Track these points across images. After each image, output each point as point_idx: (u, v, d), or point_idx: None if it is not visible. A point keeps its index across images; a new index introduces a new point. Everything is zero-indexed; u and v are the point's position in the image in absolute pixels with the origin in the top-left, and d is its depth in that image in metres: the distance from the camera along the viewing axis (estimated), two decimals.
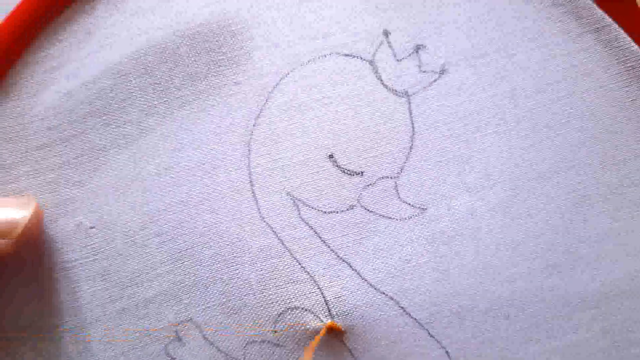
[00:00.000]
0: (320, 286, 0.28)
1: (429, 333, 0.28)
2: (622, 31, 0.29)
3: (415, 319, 0.28)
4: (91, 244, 0.29)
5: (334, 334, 0.28)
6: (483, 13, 0.29)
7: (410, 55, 0.29)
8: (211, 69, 0.29)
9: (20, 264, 0.28)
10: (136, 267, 0.28)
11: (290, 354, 0.28)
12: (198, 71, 0.29)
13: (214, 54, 0.29)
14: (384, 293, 0.28)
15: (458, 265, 0.28)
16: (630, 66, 0.29)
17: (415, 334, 0.28)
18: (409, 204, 0.29)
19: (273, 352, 0.28)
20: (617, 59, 0.29)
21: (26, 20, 0.28)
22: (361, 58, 0.29)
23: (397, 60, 0.29)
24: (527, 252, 0.29)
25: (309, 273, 0.28)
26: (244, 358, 0.28)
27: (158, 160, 0.29)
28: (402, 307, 0.28)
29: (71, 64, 0.29)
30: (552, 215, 0.29)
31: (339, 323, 0.28)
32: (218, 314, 0.28)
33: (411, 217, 0.29)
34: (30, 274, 0.28)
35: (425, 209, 0.29)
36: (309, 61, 0.29)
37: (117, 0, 0.29)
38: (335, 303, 0.28)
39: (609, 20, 0.29)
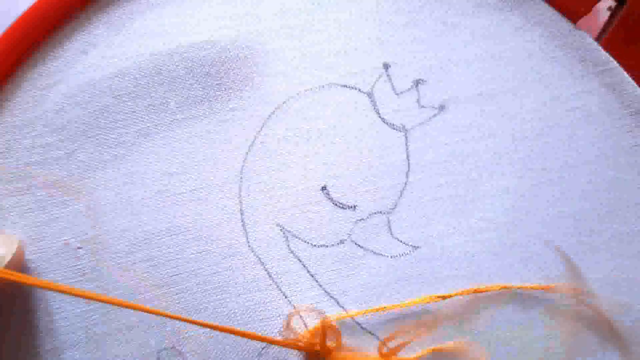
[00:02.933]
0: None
1: None
2: (626, 75, 0.29)
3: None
4: (77, 265, 0.28)
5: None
6: (487, 52, 0.29)
7: (409, 89, 0.28)
8: (208, 93, 0.28)
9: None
10: (121, 292, 0.28)
11: None
12: (194, 95, 0.28)
13: (211, 79, 0.28)
14: (370, 332, 0.28)
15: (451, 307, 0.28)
16: (633, 111, 0.28)
17: None
18: (401, 242, 0.28)
19: None
20: (621, 102, 0.29)
21: (22, 36, 0.28)
22: (359, 90, 0.28)
23: (396, 93, 0.28)
24: None
25: (295, 307, 0.28)
26: None
27: (149, 183, 0.28)
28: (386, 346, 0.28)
29: (65, 82, 0.28)
30: (552, 263, 0.28)
31: None
32: (201, 343, 0.28)
33: (402, 255, 0.28)
34: (10, 299, 0.28)
35: (418, 247, 0.28)
36: (306, 91, 0.28)
37: (116, 21, 0.28)
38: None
39: (614, 63, 0.29)
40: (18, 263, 0.27)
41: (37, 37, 0.28)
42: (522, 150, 0.28)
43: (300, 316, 0.28)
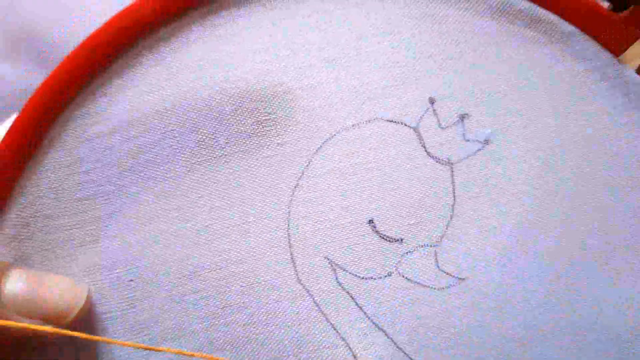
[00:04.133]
0: (355, 353, 0.28)
1: None
2: None
3: None
4: (129, 297, 0.29)
5: None
6: (527, 84, 0.29)
7: (455, 123, 0.29)
8: (255, 129, 0.29)
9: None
10: (172, 323, 0.29)
11: None
12: (242, 130, 0.29)
13: (258, 114, 0.29)
14: None
15: (498, 335, 0.28)
16: None
17: None
18: (448, 274, 0.29)
19: None
20: None
21: (71, 73, 0.28)
22: (405, 124, 0.29)
23: (442, 128, 0.29)
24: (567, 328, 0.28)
25: (344, 339, 0.28)
26: None
27: (198, 217, 0.29)
28: None
29: (115, 118, 0.29)
30: (590, 291, 0.29)
31: None
32: None
33: (449, 287, 0.29)
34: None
35: (464, 279, 0.29)
36: (352, 125, 0.29)
37: (165, 56, 0.29)
38: None
39: None
40: (86, 312, 0.28)
41: (86, 73, 0.29)
42: (556, 179, 0.29)
43: None
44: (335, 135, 0.29)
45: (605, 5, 0.29)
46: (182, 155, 0.29)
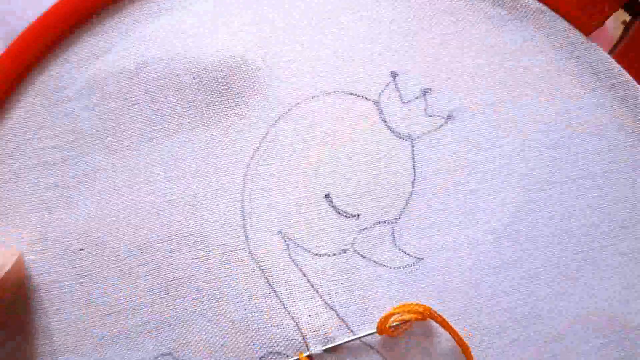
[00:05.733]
0: (304, 334, 0.27)
1: None
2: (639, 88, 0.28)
3: None
4: (79, 266, 0.28)
5: None
6: (496, 62, 0.28)
7: (417, 98, 0.28)
8: (214, 99, 0.28)
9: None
10: (120, 294, 0.28)
11: None
12: (201, 100, 0.28)
13: (218, 84, 0.28)
14: (370, 346, 0.27)
15: (452, 322, 0.27)
16: None
17: None
18: (406, 253, 0.27)
19: None
20: (633, 117, 0.28)
21: (35, 40, 0.29)
22: (366, 98, 0.28)
23: (403, 102, 0.28)
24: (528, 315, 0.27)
25: (293, 319, 0.27)
26: None
27: (153, 187, 0.28)
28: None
29: (76, 86, 0.28)
30: (556, 278, 0.27)
31: None
32: (198, 350, 0.27)
33: (406, 267, 0.27)
34: (10, 301, 0.28)
35: (422, 258, 0.27)
36: (312, 97, 0.28)
37: (127, 26, 0.29)
38: (318, 353, 0.27)
39: (626, 76, 0.28)
40: (18, 274, 0.27)
41: (50, 40, 0.29)
42: (529, 162, 0.28)
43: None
44: (294, 107, 0.28)
45: None
46: (141, 123, 0.28)
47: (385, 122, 0.28)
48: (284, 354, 0.27)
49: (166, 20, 0.29)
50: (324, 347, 0.27)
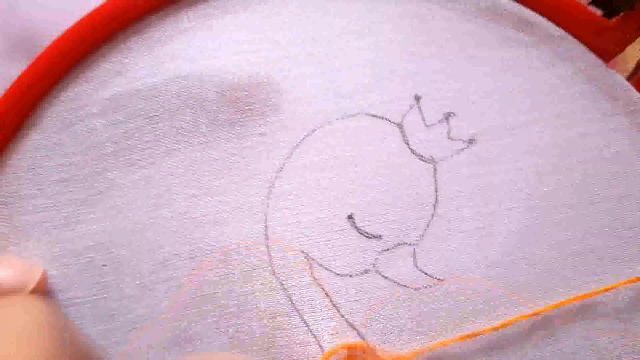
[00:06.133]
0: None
1: None
2: None
3: None
4: (101, 282, 0.28)
5: None
6: (514, 86, 0.29)
7: (439, 122, 0.28)
8: (237, 118, 0.29)
9: None
10: (143, 311, 0.28)
11: None
12: (224, 119, 0.29)
13: (241, 103, 0.28)
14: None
15: (467, 345, 0.27)
16: None
17: None
18: (426, 274, 0.28)
19: None
20: None
21: (57, 57, 0.28)
22: (390, 120, 0.28)
23: (426, 125, 0.28)
24: None
25: (315, 336, 0.27)
26: None
27: (175, 205, 0.28)
28: None
29: (97, 103, 0.29)
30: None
31: None
32: None
33: (426, 287, 0.28)
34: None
35: (443, 280, 0.28)
36: (336, 119, 0.28)
37: (150, 43, 0.29)
38: None
39: None
40: (41, 291, 0.27)
41: (72, 57, 0.29)
42: (547, 185, 0.28)
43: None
44: (318, 128, 0.28)
45: (597, 11, 0.29)
46: (163, 141, 0.28)
47: (408, 144, 0.28)
48: None
49: (190, 38, 0.29)
50: None
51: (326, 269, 0.28)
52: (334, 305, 0.28)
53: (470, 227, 0.28)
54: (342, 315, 0.28)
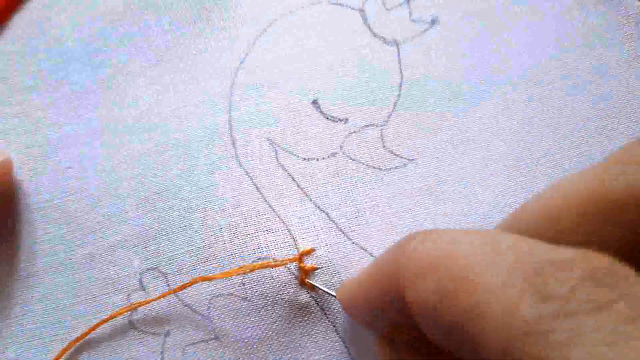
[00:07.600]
0: (295, 236, 0.26)
1: None
2: None
3: None
4: (65, 184, 0.28)
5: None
6: None
7: (400, 4, 0.28)
8: (199, 14, 0.29)
9: None
10: (106, 211, 0.27)
11: (257, 310, 0.26)
12: (186, 16, 0.29)
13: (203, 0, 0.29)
14: (362, 248, 0.26)
15: (442, 223, 0.26)
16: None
17: None
18: (395, 154, 0.27)
19: (240, 306, 0.26)
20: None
21: None
22: (351, 7, 0.28)
23: (387, 9, 0.28)
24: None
25: (283, 222, 0.26)
26: (209, 311, 0.26)
27: (139, 103, 0.28)
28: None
29: (64, 12, 0.29)
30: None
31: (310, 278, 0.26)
32: (185, 263, 0.26)
33: (397, 168, 0.27)
34: None
35: (413, 160, 0.27)
36: (298, 9, 0.28)
37: None
38: (308, 255, 0.26)
39: None
40: (5, 175, 0.27)
41: None
42: (516, 67, 0.27)
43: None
44: (280, 18, 0.28)
45: None
46: (128, 43, 0.29)
47: (370, 28, 0.28)
48: (273, 258, 0.26)
49: None
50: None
51: (292, 153, 0.27)
52: (302, 190, 0.27)
53: (438, 110, 0.27)
54: (311, 199, 0.26)
